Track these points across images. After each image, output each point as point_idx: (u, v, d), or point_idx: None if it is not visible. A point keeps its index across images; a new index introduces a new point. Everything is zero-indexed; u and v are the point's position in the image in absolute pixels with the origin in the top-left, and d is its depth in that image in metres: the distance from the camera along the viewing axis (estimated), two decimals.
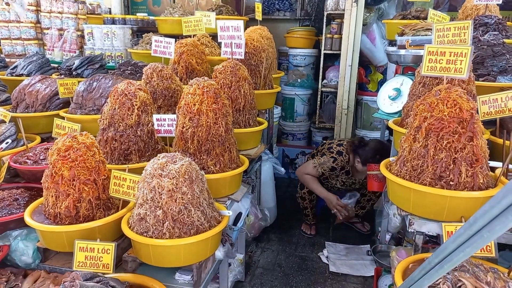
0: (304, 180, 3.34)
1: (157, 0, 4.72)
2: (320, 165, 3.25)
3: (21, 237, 1.87)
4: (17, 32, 3.80)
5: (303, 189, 3.42)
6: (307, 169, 3.31)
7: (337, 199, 3.26)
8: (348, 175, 3.32)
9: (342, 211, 3.24)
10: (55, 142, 1.80)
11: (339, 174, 3.30)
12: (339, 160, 3.23)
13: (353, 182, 3.36)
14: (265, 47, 2.97)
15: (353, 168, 3.26)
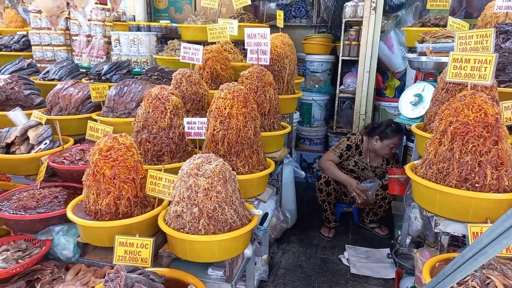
0: (324, 166, 3.50)
1: (179, 8, 4.86)
2: (336, 147, 3.52)
3: (62, 232, 1.98)
4: (47, 38, 3.97)
5: (320, 180, 3.52)
6: (327, 156, 3.53)
7: (357, 183, 3.38)
8: (361, 156, 3.54)
9: (361, 195, 3.34)
10: (96, 143, 1.91)
11: (354, 153, 3.51)
12: (352, 138, 3.52)
13: (364, 166, 3.52)
14: (287, 53, 3.07)
15: (367, 151, 3.51)
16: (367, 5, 4.06)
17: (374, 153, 3.54)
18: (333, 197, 3.55)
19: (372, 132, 3.46)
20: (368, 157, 3.57)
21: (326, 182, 3.49)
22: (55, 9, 1.26)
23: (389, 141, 3.36)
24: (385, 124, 3.44)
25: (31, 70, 3.77)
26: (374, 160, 3.58)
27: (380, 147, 3.41)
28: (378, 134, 3.41)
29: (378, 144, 3.41)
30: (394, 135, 3.35)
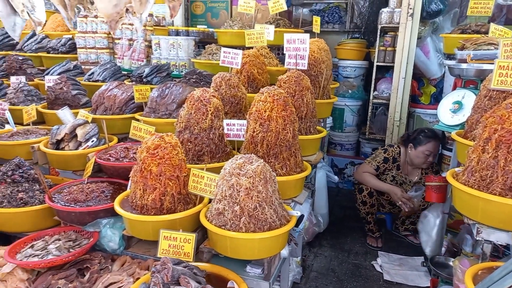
0: (363, 178, 3.41)
1: (215, 13, 4.99)
2: (373, 159, 3.43)
3: (109, 225, 2.09)
4: (92, 42, 4.17)
5: (363, 192, 3.42)
6: (363, 168, 3.44)
7: (401, 191, 3.28)
8: (398, 170, 3.43)
9: (408, 203, 3.24)
10: (144, 141, 2.01)
11: (391, 167, 3.41)
12: (390, 151, 3.43)
13: (403, 181, 3.43)
14: (324, 58, 3.10)
15: (405, 164, 3.39)
16: (404, 11, 4.03)
17: (411, 166, 3.43)
18: (376, 208, 3.50)
19: (407, 140, 3.39)
20: (406, 170, 3.46)
21: (370, 193, 3.40)
22: (115, 14, 1.36)
23: (423, 148, 3.26)
24: (419, 130, 3.37)
25: (77, 71, 3.98)
26: (413, 174, 3.46)
27: (414, 155, 3.31)
28: (411, 141, 3.33)
29: (412, 152, 3.32)
30: (428, 141, 3.25)
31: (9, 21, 1.63)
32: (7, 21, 1.63)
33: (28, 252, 1.96)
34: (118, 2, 1.38)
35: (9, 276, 1.88)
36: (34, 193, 2.27)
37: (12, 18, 1.64)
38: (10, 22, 1.63)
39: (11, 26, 1.62)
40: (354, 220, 3.75)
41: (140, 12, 1.37)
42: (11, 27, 1.62)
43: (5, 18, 1.63)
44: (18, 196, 2.21)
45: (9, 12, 1.64)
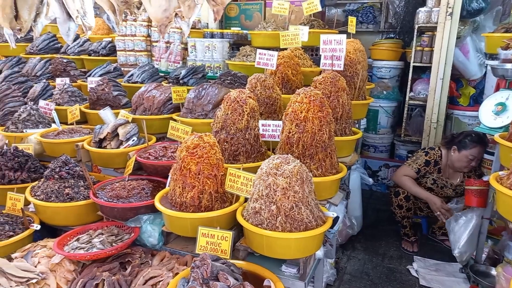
0: (403, 182, 3.31)
1: (249, 15, 5.03)
2: (414, 162, 3.32)
3: (149, 221, 2.17)
4: (131, 44, 4.33)
5: (399, 196, 3.36)
6: (402, 171, 3.34)
7: (441, 202, 3.18)
8: (440, 173, 3.32)
9: (447, 214, 3.14)
10: (184, 140, 2.07)
11: (432, 170, 3.30)
12: (431, 153, 3.32)
13: (444, 184, 3.31)
14: (360, 59, 3.07)
15: (446, 167, 3.27)
16: (443, 10, 3.92)
17: (453, 169, 3.32)
18: (412, 212, 3.42)
19: (451, 142, 3.26)
20: (448, 174, 3.35)
21: (406, 197, 3.33)
22: (164, 19, 1.42)
23: (468, 152, 3.14)
24: (465, 133, 3.24)
25: (117, 73, 4.14)
26: (454, 177, 3.34)
27: (457, 159, 3.19)
28: (456, 143, 3.21)
29: (455, 155, 3.20)
30: (473, 145, 3.13)
31: (64, 26, 1.74)
32: (63, 26, 1.73)
33: (74, 244, 2.07)
34: (167, 7, 1.44)
35: (58, 267, 1.99)
36: (79, 189, 2.39)
37: (67, 24, 1.74)
38: (66, 27, 1.74)
39: (65, 31, 1.73)
40: (389, 223, 3.68)
41: (189, 17, 1.42)
42: (66, 32, 1.73)
43: (61, 24, 1.73)
44: (65, 191, 2.34)
45: (65, 18, 1.74)
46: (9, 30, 1.74)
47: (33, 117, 3.19)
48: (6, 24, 1.68)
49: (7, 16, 1.70)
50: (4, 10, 1.66)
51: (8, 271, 1.90)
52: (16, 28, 1.85)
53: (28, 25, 1.88)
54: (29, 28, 1.91)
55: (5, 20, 1.66)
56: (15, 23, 1.83)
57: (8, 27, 1.71)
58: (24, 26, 1.84)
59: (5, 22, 1.66)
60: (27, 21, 1.84)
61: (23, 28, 1.85)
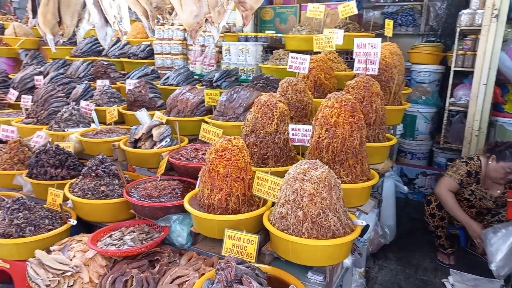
0: (445, 200, 3.10)
1: (284, 19, 5.03)
2: (455, 173, 3.13)
3: (178, 221, 2.21)
4: (168, 48, 4.46)
5: (431, 204, 3.22)
6: (445, 184, 3.13)
7: (481, 228, 2.97)
8: (478, 184, 3.15)
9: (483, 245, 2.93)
10: (213, 143, 2.10)
11: (471, 181, 3.13)
12: (471, 163, 3.13)
13: (483, 196, 3.13)
14: (396, 63, 2.99)
15: (486, 178, 3.10)
16: (488, 12, 3.73)
17: (490, 179, 3.12)
18: (447, 221, 3.26)
19: (492, 150, 3.08)
20: (487, 185, 3.15)
21: (439, 206, 3.18)
22: (195, 24, 1.45)
23: (506, 164, 2.95)
24: (509, 144, 3.03)
25: (154, 75, 4.27)
26: (494, 188, 3.14)
27: (493, 169, 3.01)
28: (496, 153, 3.03)
29: (492, 164, 3.02)
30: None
31: (102, 31, 1.82)
32: (101, 31, 1.82)
33: (107, 241, 2.15)
34: (198, 13, 1.48)
35: (91, 261, 2.07)
36: (113, 187, 2.48)
37: (105, 29, 1.82)
38: (103, 32, 1.82)
39: (103, 35, 1.81)
40: (424, 234, 3.53)
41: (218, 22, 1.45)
42: (103, 37, 1.81)
43: (99, 29, 1.82)
44: (100, 189, 2.43)
45: (103, 24, 1.83)
46: (50, 35, 1.84)
47: (74, 117, 3.35)
48: (47, 30, 1.79)
49: (49, 23, 1.81)
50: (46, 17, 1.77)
51: (46, 263, 2.01)
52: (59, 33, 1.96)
53: (71, 30, 1.99)
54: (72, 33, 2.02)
55: (46, 26, 1.76)
56: (57, 29, 1.95)
57: (49, 33, 1.82)
58: (66, 31, 1.96)
59: (46, 28, 1.77)
60: (70, 27, 1.95)
61: (65, 33, 1.96)
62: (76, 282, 1.97)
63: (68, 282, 1.95)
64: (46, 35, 1.91)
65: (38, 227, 2.23)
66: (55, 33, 1.94)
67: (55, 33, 1.94)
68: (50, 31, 1.92)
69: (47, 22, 1.88)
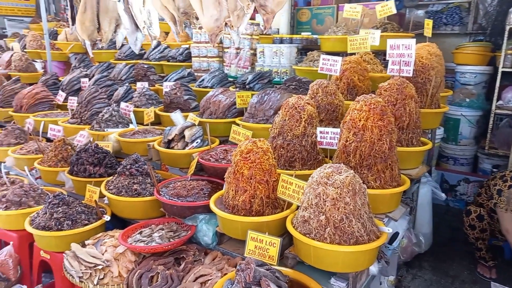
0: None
1: (321, 20, 4.97)
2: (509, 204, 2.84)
3: (205, 221, 2.26)
4: (204, 51, 4.56)
5: (470, 215, 3.05)
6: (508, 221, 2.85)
7: None
8: None
9: None
10: (238, 145, 2.12)
11: None
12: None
13: None
14: (434, 64, 2.86)
15: None
16: None
17: None
18: (488, 232, 3.07)
19: None
20: None
21: (479, 216, 3.00)
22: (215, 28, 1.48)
23: None
24: None
25: (190, 78, 4.39)
26: None
27: None
28: None
29: None
30: None
31: (132, 36, 1.90)
32: (131, 36, 1.90)
33: (137, 237, 2.24)
34: (218, 17, 1.51)
35: (121, 256, 2.17)
36: (146, 185, 2.57)
37: (135, 34, 1.91)
38: (134, 37, 1.90)
39: (133, 40, 1.89)
40: (464, 244, 3.35)
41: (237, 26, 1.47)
42: (134, 42, 1.89)
43: (129, 34, 1.90)
44: (133, 187, 2.54)
45: (133, 29, 1.91)
46: (88, 41, 1.95)
47: (114, 118, 3.52)
48: (85, 36, 1.90)
49: (87, 29, 1.92)
50: (84, 24, 1.88)
51: (80, 256, 2.13)
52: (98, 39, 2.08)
53: (109, 36, 2.10)
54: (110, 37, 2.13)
55: (84, 33, 1.87)
56: (96, 34, 2.06)
57: (87, 38, 1.93)
58: (104, 36, 2.07)
59: (84, 34, 1.88)
60: (107, 32, 2.06)
61: (103, 38, 2.07)
62: (106, 275, 2.07)
63: (99, 275, 2.05)
64: (84, 41, 2.03)
65: (75, 222, 2.37)
66: (94, 39, 2.06)
67: (94, 39, 2.06)
68: (88, 37, 2.04)
69: (85, 28, 2.00)
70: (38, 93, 4.45)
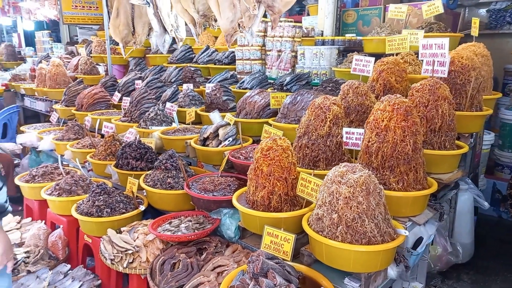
0: None
1: (367, 21, 4.87)
2: None
3: (228, 215, 2.36)
4: (247, 54, 4.69)
5: None
6: None
7: None
8: None
9: None
10: (260, 143, 2.20)
11: None
12: None
13: None
14: (476, 65, 2.70)
15: None
16: None
17: None
18: None
19: None
20: None
21: None
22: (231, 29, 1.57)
23: None
24: None
25: (232, 80, 4.54)
26: None
27: None
28: None
29: None
30: None
31: (161, 38, 2.06)
32: (160, 39, 2.06)
33: (166, 227, 2.40)
34: (233, 19, 1.60)
35: (150, 243, 2.34)
36: (179, 179, 2.74)
37: (163, 36, 2.06)
38: (162, 39, 2.06)
39: (161, 42, 2.05)
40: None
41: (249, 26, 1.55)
42: (162, 44, 2.05)
43: (158, 37, 2.07)
44: (167, 180, 2.71)
45: (162, 32, 2.07)
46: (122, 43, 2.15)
47: (159, 117, 3.76)
48: (119, 39, 2.10)
49: (120, 33, 2.12)
50: (118, 28, 2.07)
51: (114, 240, 2.33)
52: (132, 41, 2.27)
53: (143, 38, 2.29)
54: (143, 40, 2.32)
55: (117, 36, 2.06)
56: (130, 37, 2.26)
57: (121, 41, 2.13)
58: (138, 39, 2.26)
59: (117, 38, 2.07)
60: (141, 35, 2.25)
61: (137, 41, 2.26)
62: (135, 260, 2.25)
63: (128, 259, 2.23)
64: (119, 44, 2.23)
65: (113, 210, 2.59)
66: (128, 42, 2.26)
67: (128, 42, 2.26)
68: (121, 40, 2.24)
69: (118, 32, 2.20)
70: (97, 94, 4.87)
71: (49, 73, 5.83)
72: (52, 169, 3.47)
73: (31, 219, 3.34)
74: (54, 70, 5.82)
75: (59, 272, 2.62)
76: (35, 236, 2.88)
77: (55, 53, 8.43)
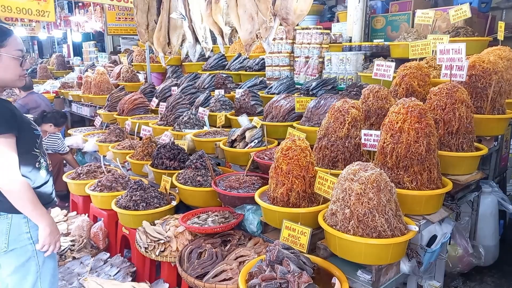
0: None
1: (395, 26, 4.92)
2: None
3: (251, 211, 2.54)
4: (277, 60, 4.87)
5: None
6: None
7: None
8: None
9: None
10: (281, 143, 2.36)
11: None
12: None
13: None
14: (498, 68, 2.73)
15: None
16: None
17: None
18: None
19: None
20: None
21: None
22: (249, 40, 1.76)
23: None
24: None
25: (261, 85, 4.74)
26: None
27: None
28: None
29: None
30: None
31: (193, 49, 2.29)
32: (192, 49, 2.29)
33: (194, 220, 2.62)
34: (252, 30, 1.78)
35: (180, 235, 2.56)
36: (207, 178, 2.95)
37: (195, 47, 2.29)
38: (193, 49, 2.29)
39: (193, 52, 2.28)
40: None
41: (265, 37, 1.73)
42: (193, 53, 2.27)
43: (191, 47, 2.29)
44: (197, 178, 2.93)
45: (194, 42, 2.30)
46: (161, 53, 2.40)
47: (192, 120, 4.02)
48: (160, 50, 2.34)
49: (161, 44, 2.37)
50: (159, 40, 2.32)
51: (148, 231, 2.57)
52: (167, 51, 2.52)
53: (176, 49, 2.54)
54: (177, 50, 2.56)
55: (159, 47, 2.31)
56: (167, 48, 2.51)
57: (161, 51, 2.38)
58: (173, 49, 2.50)
59: (159, 48, 2.32)
60: (175, 46, 2.49)
61: (173, 51, 2.50)
62: (167, 249, 2.48)
63: (160, 248, 2.46)
64: (159, 53, 2.49)
65: (148, 204, 2.84)
66: (165, 52, 2.51)
67: (165, 52, 2.51)
68: (162, 50, 2.49)
69: (159, 43, 2.45)
70: (136, 99, 5.24)
71: (94, 81, 6.31)
72: (95, 168, 3.81)
73: (76, 212, 3.69)
74: (99, 78, 6.29)
75: (99, 259, 2.91)
76: (80, 227, 3.20)
77: (100, 62, 9.04)
